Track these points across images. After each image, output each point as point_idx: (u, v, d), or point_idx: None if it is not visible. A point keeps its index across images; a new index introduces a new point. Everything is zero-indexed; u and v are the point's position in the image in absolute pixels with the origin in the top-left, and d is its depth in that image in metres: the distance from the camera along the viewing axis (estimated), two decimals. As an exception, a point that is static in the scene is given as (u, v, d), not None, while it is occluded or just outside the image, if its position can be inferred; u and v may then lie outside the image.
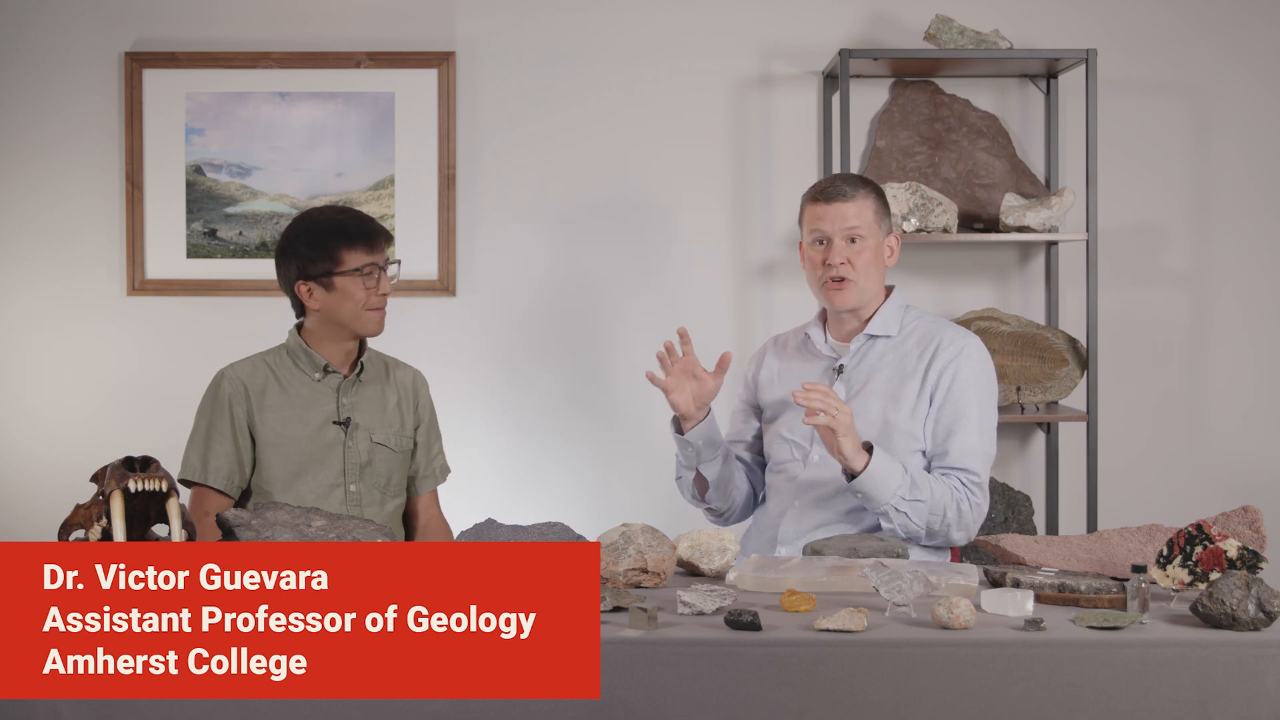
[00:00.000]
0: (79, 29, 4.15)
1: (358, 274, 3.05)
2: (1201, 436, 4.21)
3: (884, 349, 3.00)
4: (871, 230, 2.96)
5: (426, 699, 2.08)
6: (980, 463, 2.89)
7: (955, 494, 2.84)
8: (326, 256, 3.06)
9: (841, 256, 2.94)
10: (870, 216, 2.97)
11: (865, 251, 2.95)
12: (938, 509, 2.81)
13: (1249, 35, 4.19)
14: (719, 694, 2.08)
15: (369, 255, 3.06)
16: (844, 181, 2.99)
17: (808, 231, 3.00)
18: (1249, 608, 2.14)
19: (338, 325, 3.10)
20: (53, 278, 4.16)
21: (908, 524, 2.81)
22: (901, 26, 4.16)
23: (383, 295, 3.08)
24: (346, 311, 3.07)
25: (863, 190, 2.98)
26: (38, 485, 4.12)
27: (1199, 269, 4.21)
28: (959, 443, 2.88)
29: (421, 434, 3.26)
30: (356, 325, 3.09)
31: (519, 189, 4.19)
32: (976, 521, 2.88)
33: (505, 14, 4.18)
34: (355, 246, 3.06)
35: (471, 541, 2.66)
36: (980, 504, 2.87)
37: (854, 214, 2.95)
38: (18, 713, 2.10)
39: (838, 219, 2.95)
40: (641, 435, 4.17)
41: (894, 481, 2.78)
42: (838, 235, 2.95)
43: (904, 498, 2.79)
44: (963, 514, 2.84)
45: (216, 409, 3.09)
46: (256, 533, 2.63)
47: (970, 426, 2.90)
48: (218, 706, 2.10)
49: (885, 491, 2.78)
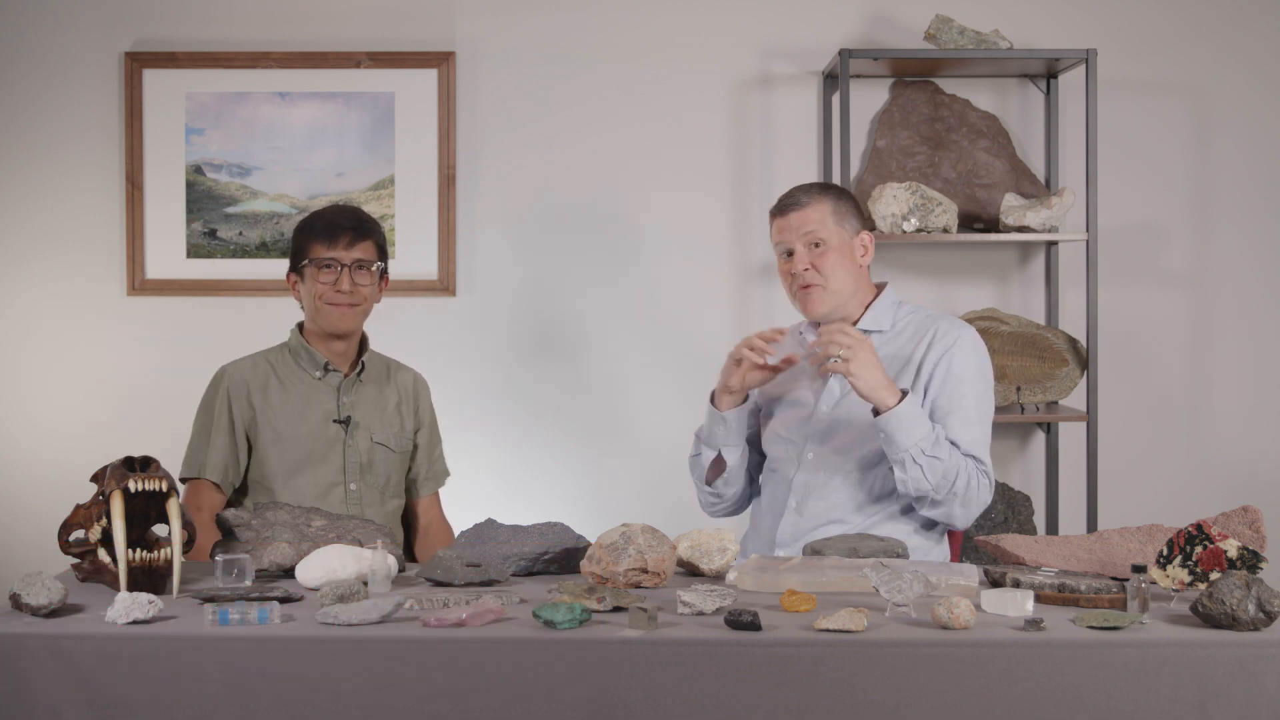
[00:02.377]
0: (79, 29, 4.15)
1: (314, 266, 3.09)
2: (1201, 436, 4.21)
3: (877, 344, 3.00)
4: (833, 232, 2.96)
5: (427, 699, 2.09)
6: (985, 453, 2.90)
7: (967, 466, 2.84)
8: (298, 248, 3.15)
9: (804, 263, 2.96)
10: (829, 219, 2.97)
11: (828, 254, 2.95)
12: (951, 472, 2.81)
13: (1249, 35, 4.19)
14: (719, 694, 2.08)
15: (329, 250, 3.09)
16: (799, 191, 3.02)
17: (774, 244, 3.04)
18: (1249, 608, 2.14)
19: (310, 320, 3.15)
20: (53, 278, 4.16)
21: (920, 479, 2.80)
22: (901, 26, 4.16)
23: (339, 291, 3.09)
24: (308, 304, 3.13)
25: (819, 196, 3.00)
26: (38, 485, 4.11)
27: (1199, 269, 4.21)
28: (964, 433, 2.88)
29: (422, 437, 3.26)
30: (318, 319, 3.12)
31: (519, 189, 4.19)
32: (980, 505, 2.87)
33: (505, 14, 4.18)
34: (317, 239, 3.11)
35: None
36: (986, 489, 2.88)
37: (812, 219, 2.96)
38: (17, 712, 2.11)
39: (796, 227, 2.97)
40: (642, 435, 4.17)
41: (919, 431, 2.79)
42: (798, 243, 2.97)
43: (924, 451, 2.79)
44: (970, 488, 2.84)
45: (215, 405, 3.12)
46: (256, 532, 2.64)
47: (969, 418, 2.89)
48: (217, 706, 2.10)
49: (907, 438, 2.78)
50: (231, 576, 2.44)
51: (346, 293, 3.08)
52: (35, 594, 2.23)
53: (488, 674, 2.10)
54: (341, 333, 3.13)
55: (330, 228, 3.11)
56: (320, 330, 3.13)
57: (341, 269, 3.08)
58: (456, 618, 2.17)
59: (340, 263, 3.08)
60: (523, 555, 2.60)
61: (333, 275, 3.08)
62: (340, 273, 3.08)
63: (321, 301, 3.09)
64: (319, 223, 3.13)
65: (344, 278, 3.08)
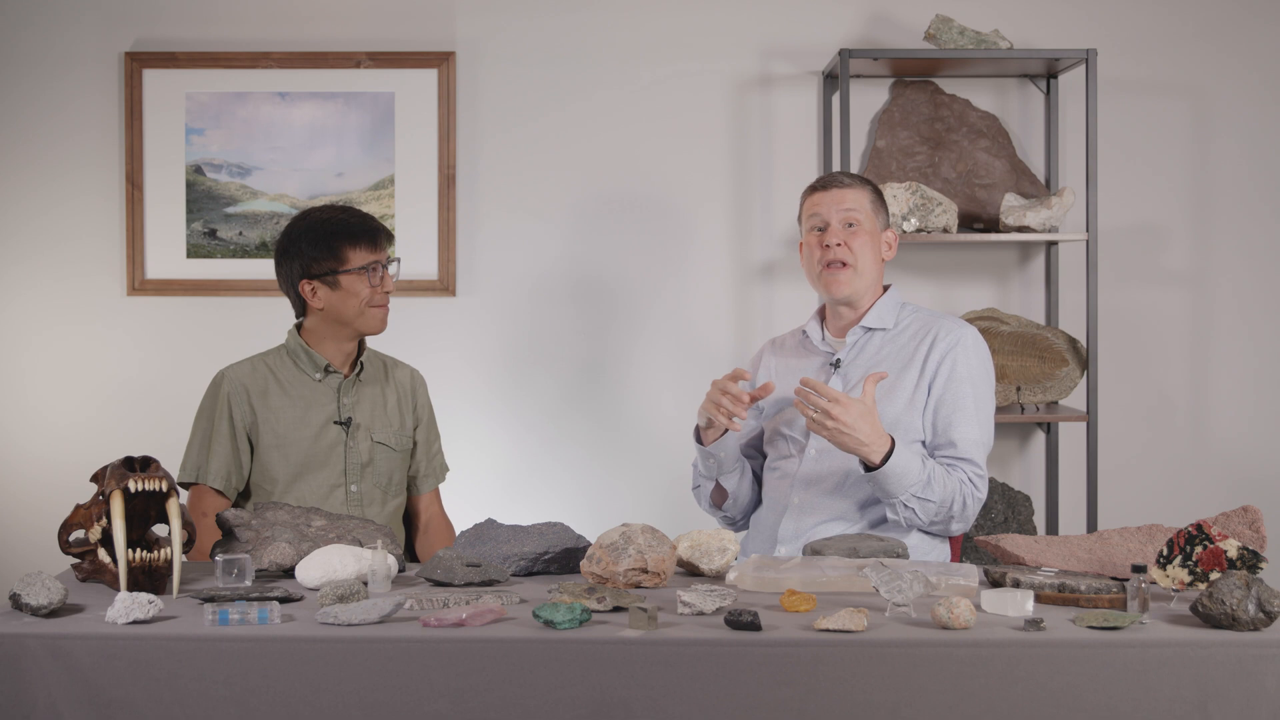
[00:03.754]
0: (79, 29, 4.15)
1: (362, 272, 3.07)
2: (1201, 436, 4.21)
3: (880, 342, 3.01)
4: (869, 217, 3.01)
5: (427, 699, 2.09)
6: (981, 454, 2.92)
7: (962, 488, 2.87)
8: (331, 255, 3.08)
9: (838, 238, 2.97)
10: (868, 206, 3.02)
11: (862, 235, 2.98)
12: (946, 503, 2.84)
13: (1249, 35, 4.19)
14: (719, 694, 2.08)
15: (373, 253, 3.09)
16: (842, 174, 3.07)
17: (806, 220, 3.04)
18: (1249, 608, 2.14)
19: (341, 324, 3.10)
20: (53, 278, 4.16)
21: (914, 518, 2.84)
22: (901, 26, 4.16)
23: (386, 293, 3.11)
24: (351, 309, 3.09)
25: (861, 183, 3.05)
26: (38, 485, 4.12)
27: (1199, 269, 4.21)
28: (962, 433, 2.90)
29: (421, 433, 3.26)
30: (360, 323, 3.10)
31: (519, 189, 4.19)
32: (975, 513, 2.92)
33: (505, 14, 4.18)
34: (359, 244, 3.08)
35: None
36: (981, 496, 2.91)
37: (851, 199, 3.00)
38: (17, 712, 2.11)
39: (835, 203, 3.00)
40: (642, 435, 4.17)
41: (910, 478, 2.80)
42: (835, 219, 2.99)
43: (916, 495, 2.80)
44: (966, 507, 2.88)
45: (216, 410, 3.10)
46: (256, 532, 2.63)
47: (969, 418, 2.91)
48: (217, 706, 2.10)
49: (899, 486, 2.80)
50: (231, 576, 2.44)
51: (390, 292, 3.12)
52: (35, 594, 2.23)
53: (488, 674, 2.10)
54: (380, 332, 3.16)
55: (369, 232, 3.11)
56: (357, 334, 3.13)
57: (384, 270, 3.11)
58: (456, 618, 2.17)
59: (382, 264, 3.11)
60: (523, 555, 2.60)
61: (378, 277, 3.10)
62: (383, 274, 3.11)
63: (370, 305, 3.09)
64: (356, 226, 3.11)
65: (387, 278, 3.12)
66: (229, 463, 3.08)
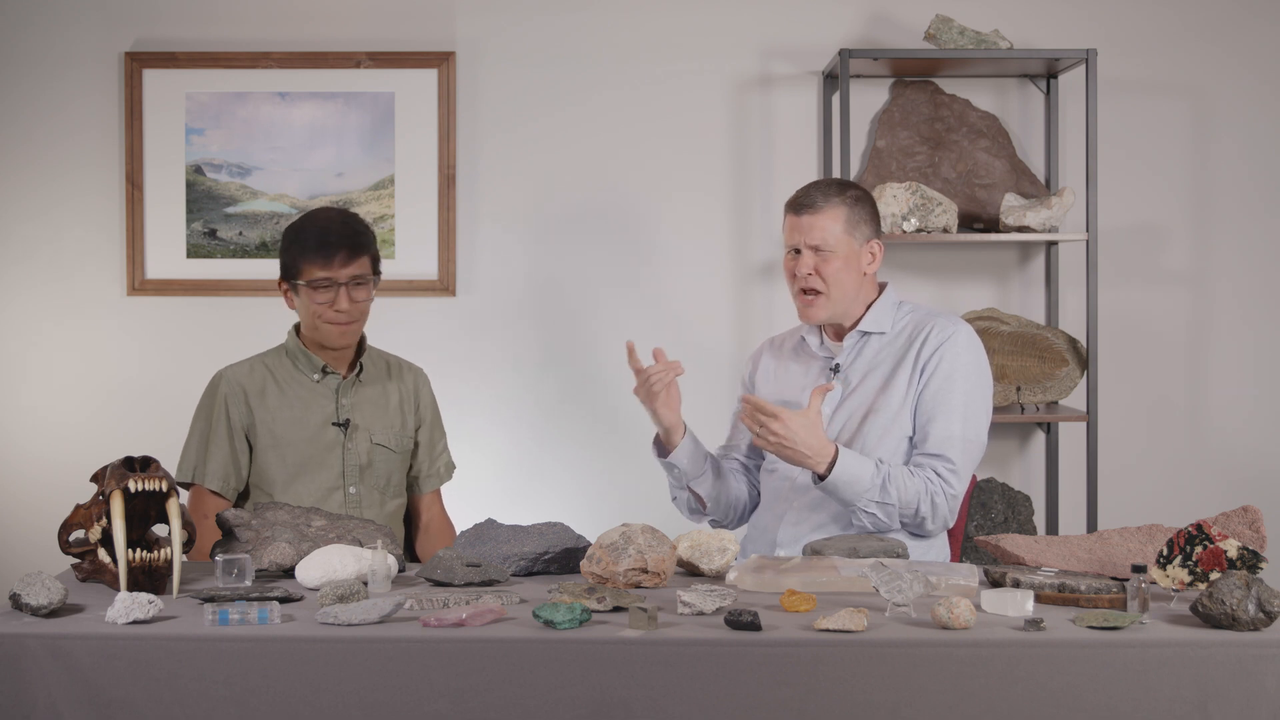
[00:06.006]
0: (79, 29, 4.15)
1: (310, 287, 3.02)
2: (1201, 436, 4.21)
3: (878, 345, 3.00)
4: (840, 242, 2.93)
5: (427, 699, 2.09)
6: (959, 450, 2.87)
7: (929, 486, 2.84)
8: (291, 263, 3.05)
9: (808, 267, 2.94)
10: (839, 228, 2.93)
11: (834, 261, 2.93)
12: (909, 505, 2.83)
13: (1249, 35, 4.19)
14: (719, 694, 2.08)
15: (324, 270, 3.00)
16: (817, 192, 2.97)
17: (785, 240, 3.02)
18: (1249, 608, 2.14)
19: (307, 331, 3.10)
20: (53, 278, 4.16)
21: (877, 522, 2.84)
22: (901, 26, 4.16)
23: (338, 311, 3.02)
24: (307, 320, 3.07)
25: (836, 199, 2.95)
26: (38, 485, 4.11)
27: (1199, 269, 4.21)
28: (939, 429, 2.87)
29: (424, 433, 3.25)
30: (317, 335, 3.08)
31: (519, 189, 4.19)
32: (952, 511, 2.88)
33: (505, 14, 4.18)
34: (311, 259, 3.01)
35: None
36: (955, 493, 2.87)
37: (822, 226, 2.93)
38: (17, 712, 2.11)
39: (806, 231, 2.94)
40: (641, 435, 4.15)
41: (862, 484, 2.80)
42: (804, 246, 2.95)
43: (872, 499, 2.81)
44: (936, 507, 2.85)
45: (214, 411, 3.09)
46: (256, 532, 2.63)
47: (953, 414, 2.88)
48: (217, 706, 2.10)
49: (853, 494, 2.81)
50: (231, 576, 2.44)
51: (344, 311, 3.02)
52: (35, 594, 2.23)
53: (488, 674, 2.10)
54: (340, 348, 3.10)
55: (324, 246, 2.99)
56: (322, 345, 3.11)
57: (339, 289, 3.01)
58: (456, 618, 2.17)
59: (336, 282, 3.00)
60: (523, 555, 2.60)
61: (330, 295, 3.01)
62: (338, 292, 3.01)
63: (319, 320, 3.03)
64: (311, 239, 3.01)
65: (341, 297, 3.01)
66: (226, 463, 3.07)
